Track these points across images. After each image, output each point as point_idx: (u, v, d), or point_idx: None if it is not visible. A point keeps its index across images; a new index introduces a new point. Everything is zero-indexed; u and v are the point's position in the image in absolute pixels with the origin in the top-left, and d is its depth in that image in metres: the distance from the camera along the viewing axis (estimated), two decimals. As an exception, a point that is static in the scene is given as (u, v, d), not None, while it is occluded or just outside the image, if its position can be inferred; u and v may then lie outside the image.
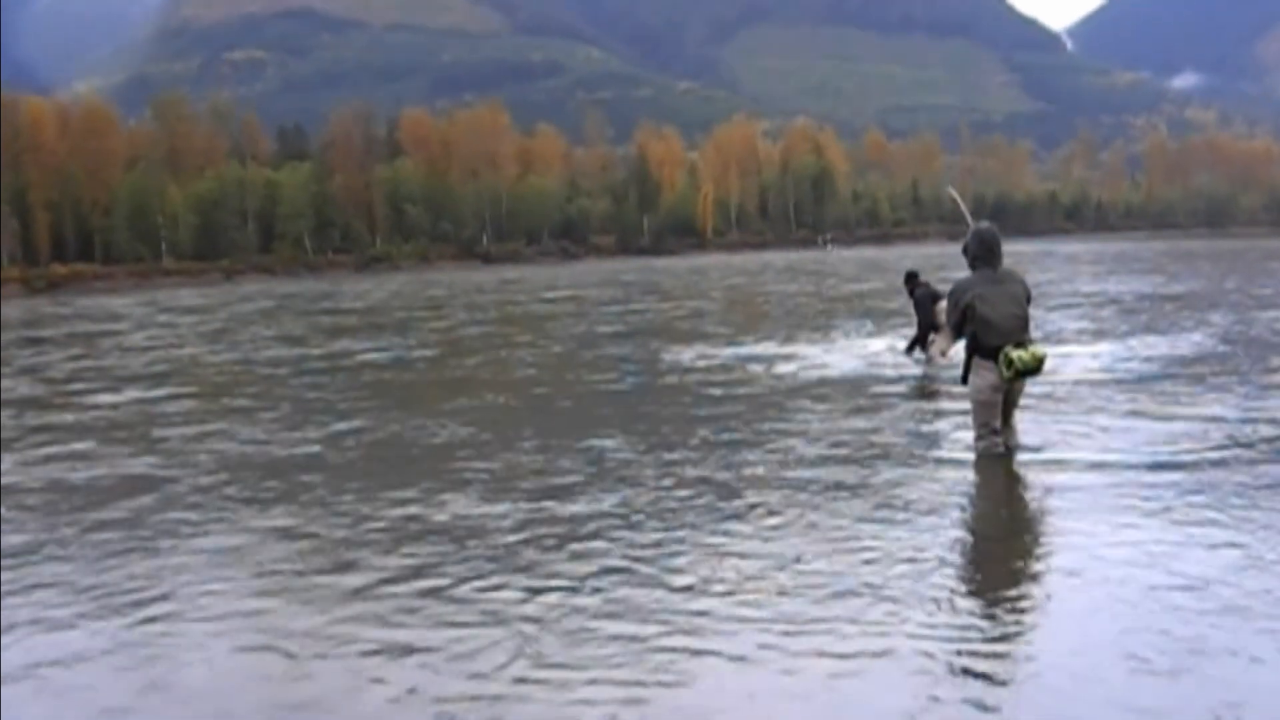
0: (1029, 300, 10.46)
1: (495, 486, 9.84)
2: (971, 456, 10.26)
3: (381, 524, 8.61)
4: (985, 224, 10.96)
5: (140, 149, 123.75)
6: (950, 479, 9.52)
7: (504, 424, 13.41)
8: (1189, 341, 19.48)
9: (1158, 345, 19.14)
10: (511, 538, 8.03)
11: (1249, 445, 10.13)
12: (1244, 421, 11.30)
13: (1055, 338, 19.61)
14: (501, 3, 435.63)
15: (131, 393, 18.09)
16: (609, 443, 11.59)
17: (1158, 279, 43.76)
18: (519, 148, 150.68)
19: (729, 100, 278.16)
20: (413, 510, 9.05)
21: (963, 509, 8.72)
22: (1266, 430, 10.78)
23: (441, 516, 8.74)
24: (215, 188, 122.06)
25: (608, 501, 9.03)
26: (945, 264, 45.11)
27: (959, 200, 19.79)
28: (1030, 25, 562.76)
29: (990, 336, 10.14)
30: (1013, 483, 9.56)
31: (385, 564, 7.45)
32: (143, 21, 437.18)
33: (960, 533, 7.98)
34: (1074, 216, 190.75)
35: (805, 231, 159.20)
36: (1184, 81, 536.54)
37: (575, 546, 7.73)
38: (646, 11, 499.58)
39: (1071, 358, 17.43)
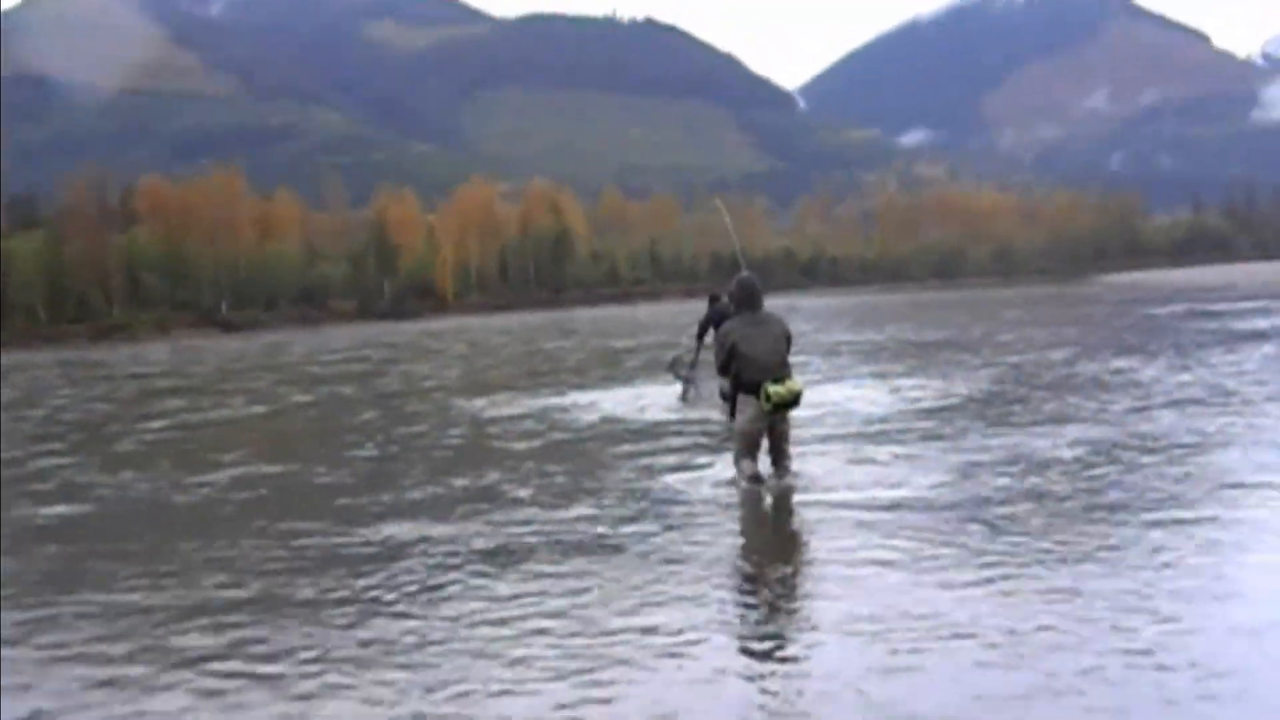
0: (789, 341, 11.87)
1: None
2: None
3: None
4: (746, 273, 12.47)
5: None
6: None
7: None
8: (967, 384, 21.84)
9: (937, 386, 21.54)
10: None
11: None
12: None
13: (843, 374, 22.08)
14: (237, 67, 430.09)
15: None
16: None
17: (910, 326, 46.85)
18: (257, 213, 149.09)
19: (467, 162, 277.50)
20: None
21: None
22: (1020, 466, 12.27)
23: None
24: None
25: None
26: (685, 322, 47.02)
27: (725, 214, 22.36)
28: (763, 85, 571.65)
29: (751, 373, 11.48)
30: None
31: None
32: None
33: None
34: (809, 272, 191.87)
35: (545, 292, 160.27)
36: (913, 138, 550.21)
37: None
38: (384, 75, 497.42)
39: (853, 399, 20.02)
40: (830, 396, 20.48)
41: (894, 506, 10.56)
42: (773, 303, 12.63)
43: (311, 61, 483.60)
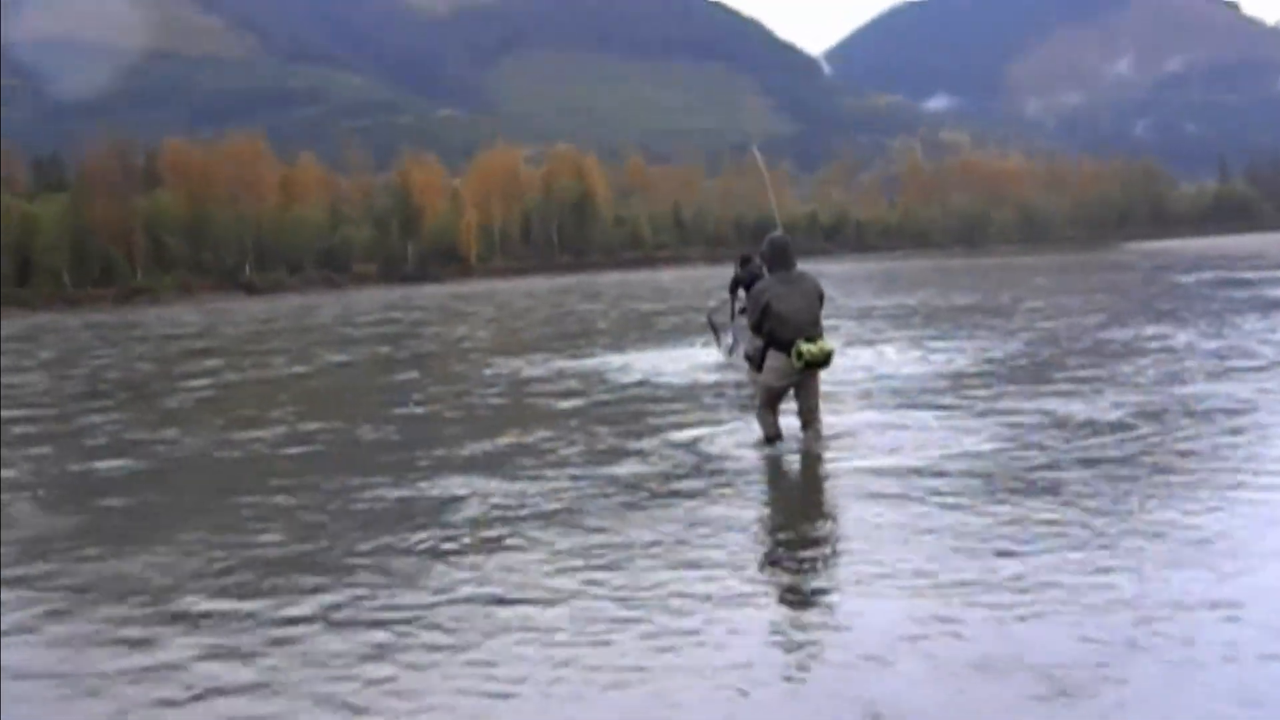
0: (822, 300, 12.01)
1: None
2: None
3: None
4: (778, 233, 12.75)
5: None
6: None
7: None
8: (1002, 348, 21.95)
9: (972, 350, 21.72)
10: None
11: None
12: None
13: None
14: (258, 29, 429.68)
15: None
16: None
17: (937, 291, 46.90)
18: (280, 177, 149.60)
19: (491, 126, 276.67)
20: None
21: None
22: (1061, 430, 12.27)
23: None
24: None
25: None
26: (711, 285, 47.08)
27: (762, 166, 22.40)
28: (788, 50, 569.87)
29: (784, 331, 11.62)
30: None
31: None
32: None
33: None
34: (833, 237, 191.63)
35: (568, 256, 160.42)
36: (937, 104, 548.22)
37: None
38: (406, 38, 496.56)
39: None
40: (865, 360, 20.64)
41: (936, 472, 10.52)
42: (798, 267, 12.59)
43: (333, 24, 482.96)
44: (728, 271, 22.35)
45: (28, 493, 12.19)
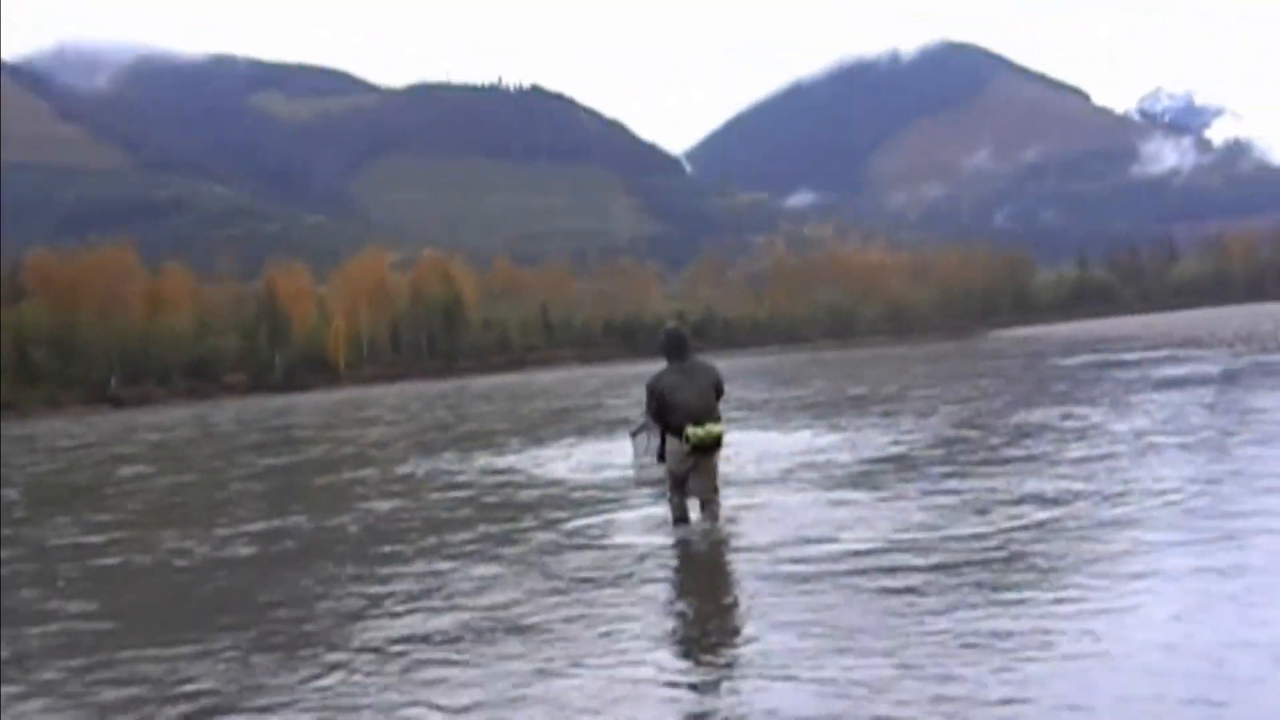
0: (719, 388, 12.59)
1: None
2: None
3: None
4: (672, 324, 13.50)
5: None
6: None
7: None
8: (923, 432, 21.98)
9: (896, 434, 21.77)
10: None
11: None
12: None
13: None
14: (123, 140, 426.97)
15: None
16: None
17: (825, 384, 46.68)
18: (147, 287, 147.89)
19: (359, 232, 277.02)
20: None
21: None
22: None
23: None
24: None
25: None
26: (571, 391, 46.81)
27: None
28: (651, 150, 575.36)
29: (674, 418, 12.30)
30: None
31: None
32: None
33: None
34: (702, 334, 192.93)
35: (438, 361, 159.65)
36: (800, 200, 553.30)
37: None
38: (273, 147, 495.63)
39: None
40: (797, 445, 21.09)
41: (875, 551, 10.73)
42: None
43: (198, 134, 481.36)
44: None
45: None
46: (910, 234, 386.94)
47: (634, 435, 20.75)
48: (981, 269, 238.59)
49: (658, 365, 13.19)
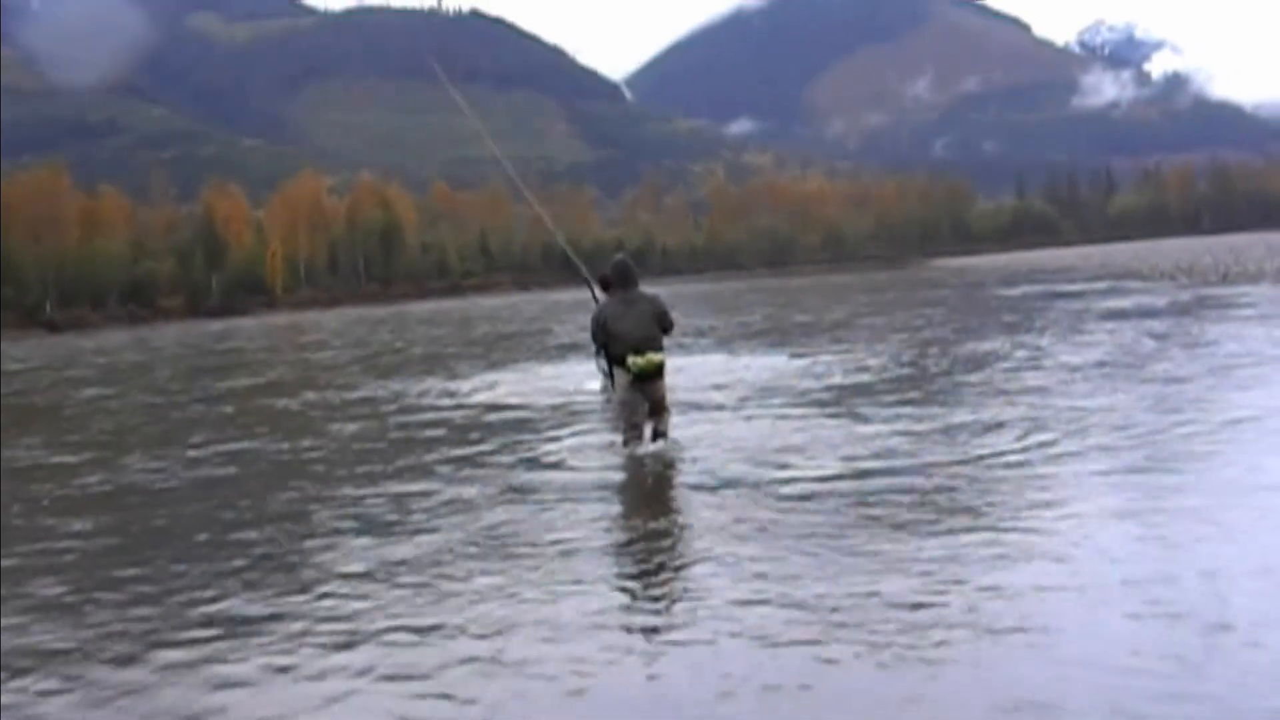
0: (663, 318, 12.93)
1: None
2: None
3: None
4: (619, 256, 14.01)
5: None
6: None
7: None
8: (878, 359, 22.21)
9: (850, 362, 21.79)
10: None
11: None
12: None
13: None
14: (57, 61, 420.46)
15: None
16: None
17: (769, 311, 46.77)
18: (82, 209, 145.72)
19: (296, 156, 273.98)
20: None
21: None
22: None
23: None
24: None
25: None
26: (514, 316, 46.73)
27: (569, 251, 22.51)
28: (590, 76, 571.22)
29: (616, 347, 12.78)
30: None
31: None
32: None
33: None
34: (641, 261, 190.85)
35: (375, 286, 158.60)
36: (740, 127, 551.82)
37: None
38: (209, 69, 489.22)
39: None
40: (746, 369, 21.63)
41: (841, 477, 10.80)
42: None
43: (133, 56, 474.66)
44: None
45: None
46: (849, 162, 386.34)
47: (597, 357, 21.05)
48: (920, 198, 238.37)
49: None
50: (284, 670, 6.53)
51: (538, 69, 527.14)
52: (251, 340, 60.56)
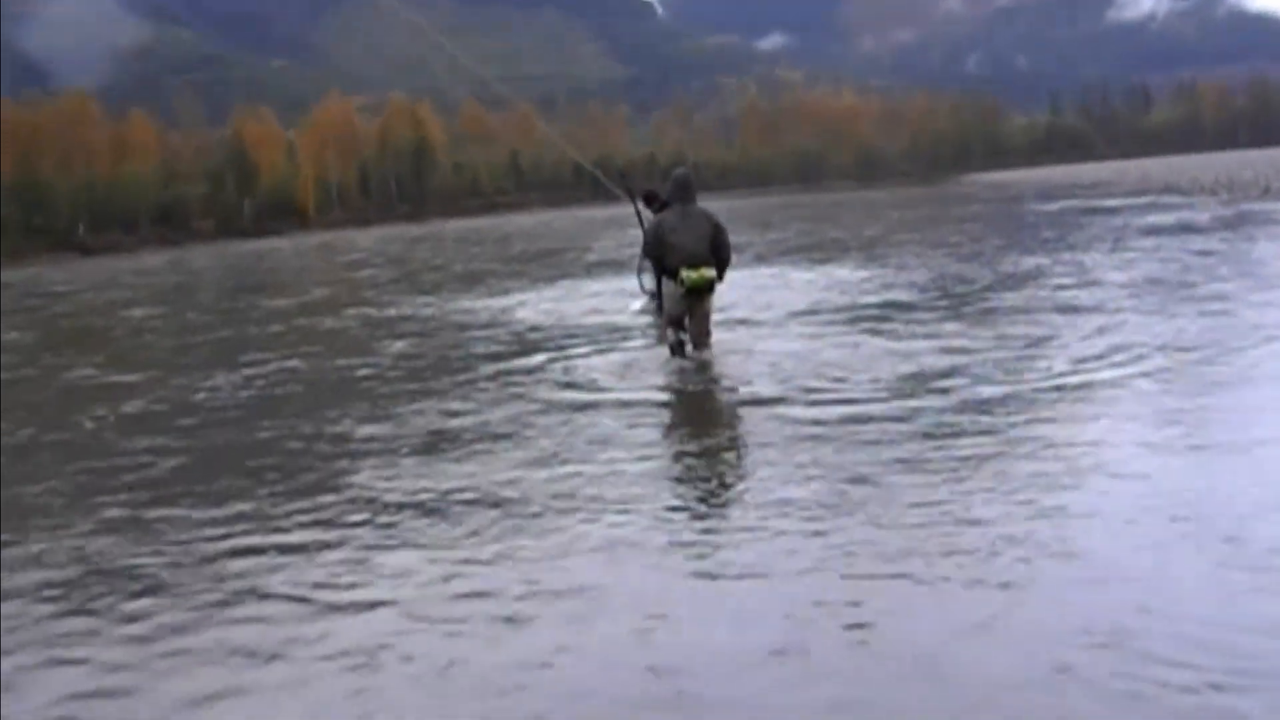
0: (719, 233, 13.07)
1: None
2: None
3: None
4: (681, 169, 14.21)
5: None
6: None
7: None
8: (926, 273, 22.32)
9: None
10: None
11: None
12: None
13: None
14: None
15: None
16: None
17: (806, 228, 46.63)
18: (111, 135, 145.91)
19: (325, 78, 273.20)
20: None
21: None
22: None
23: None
24: None
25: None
26: (548, 234, 46.57)
27: (604, 179, 22.38)
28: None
29: (670, 259, 13.02)
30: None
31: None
32: None
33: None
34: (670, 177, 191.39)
35: (407, 206, 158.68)
36: (771, 43, 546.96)
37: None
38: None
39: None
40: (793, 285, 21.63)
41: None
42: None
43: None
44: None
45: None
46: (881, 79, 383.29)
47: (639, 275, 20.93)
48: (952, 115, 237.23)
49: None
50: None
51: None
52: (290, 260, 60.76)
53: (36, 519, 8.60)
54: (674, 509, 7.55)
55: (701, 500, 7.80)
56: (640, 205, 19.35)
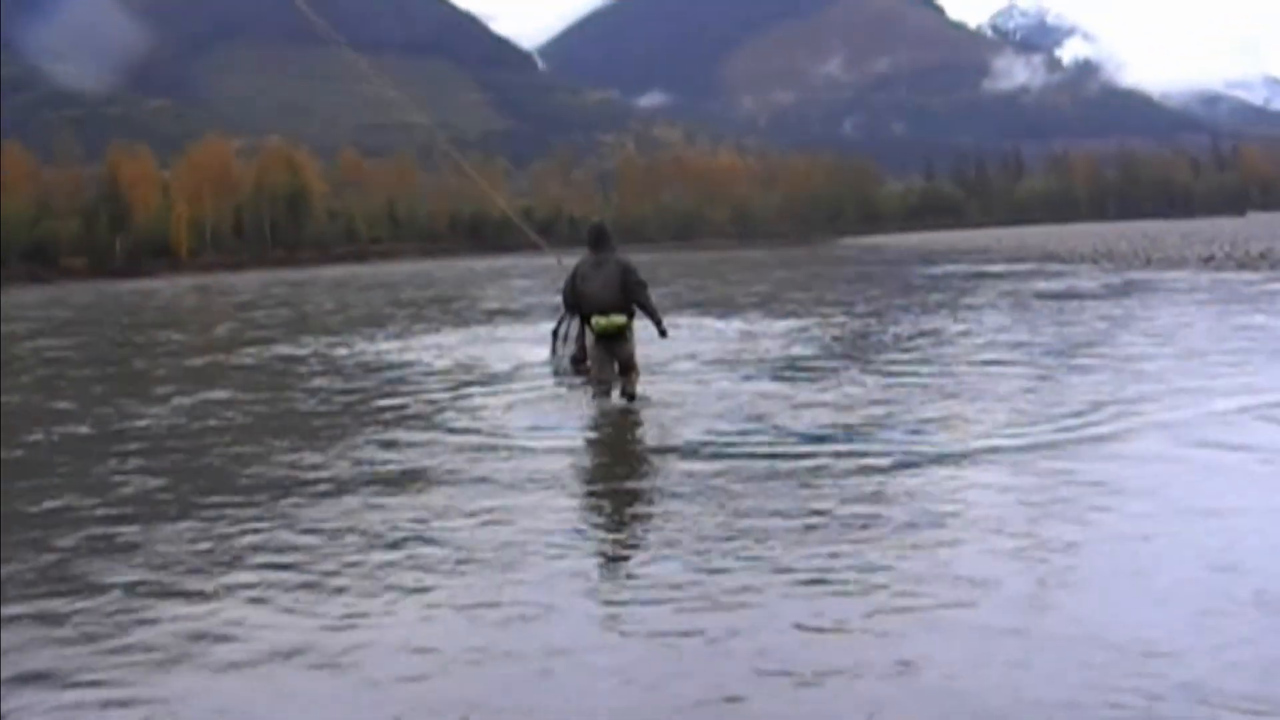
0: (627, 275, 13.42)
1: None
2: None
3: None
4: (596, 220, 15.12)
5: None
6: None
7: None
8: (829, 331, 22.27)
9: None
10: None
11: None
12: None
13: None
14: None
15: None
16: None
17: (692, 284, 46.43)
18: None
19: (203, 119, 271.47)
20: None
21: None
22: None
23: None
24: None
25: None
26: (430, 283, 46.17)
27: (522, 225, 22.29)
28: (502, 45, 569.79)
29: (583, 306, 13.63)
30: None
31: None
32: None
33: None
34: (548, 232, 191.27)
35: (281, 250, 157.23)
36: (651, 101, 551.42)
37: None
38: (115, 29, 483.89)
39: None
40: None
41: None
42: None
43: (37, 13, 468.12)
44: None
45: None
46: (759, 139, 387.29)
47: (555, 329, 20.67)
48: (828, 177, 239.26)
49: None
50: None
51: (450, 37, 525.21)
52: (177, 300, 59.80)
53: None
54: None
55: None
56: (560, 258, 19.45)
